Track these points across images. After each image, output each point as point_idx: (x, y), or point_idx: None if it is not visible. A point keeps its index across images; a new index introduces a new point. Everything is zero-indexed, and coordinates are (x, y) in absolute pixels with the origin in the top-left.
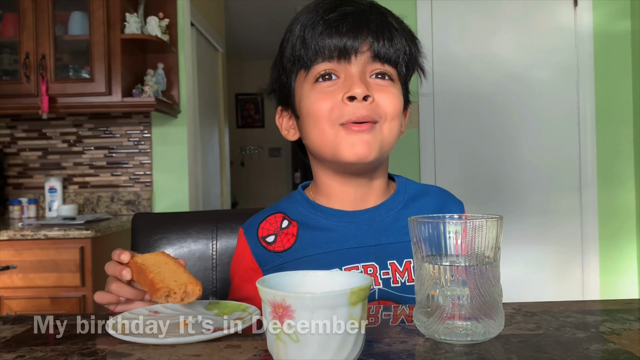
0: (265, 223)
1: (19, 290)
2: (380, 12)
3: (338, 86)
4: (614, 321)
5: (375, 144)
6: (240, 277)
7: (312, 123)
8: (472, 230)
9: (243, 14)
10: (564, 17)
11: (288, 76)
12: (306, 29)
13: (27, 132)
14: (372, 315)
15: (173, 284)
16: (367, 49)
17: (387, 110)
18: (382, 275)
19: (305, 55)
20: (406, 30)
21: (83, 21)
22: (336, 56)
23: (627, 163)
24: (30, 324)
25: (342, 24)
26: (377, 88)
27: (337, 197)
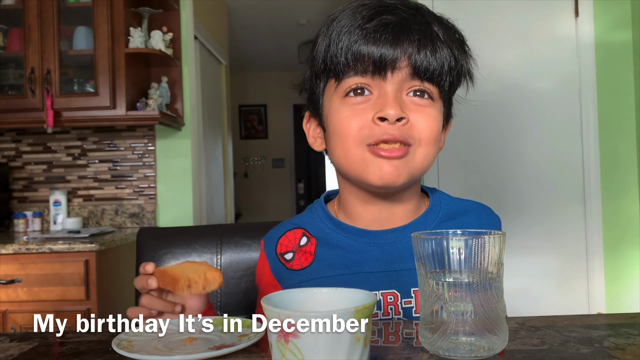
0: (284, 239)
1: (23, 304)
2: (424, 21)
3: (370, 103)
4: (618, 336)
5: (405, 169)
6: (262, 292)
7: (337, 141)
8: (475, 246)
9: (246, 27)
10: (565, 27)
11: (317, 82)
12: (341, 36)
13: (32, 145)
14: (376, 332)
15: (193, 274)
16: (405, 65)
17: (422, 133)
18: (404, 304)
19: (337, 65)
20: (454, 39)
21: (88, 36)
22: (370, 71)
23: (631, 172)
24: (37, 342)
25: (380, 35)
26: (414, 108)
27: (360, 216)
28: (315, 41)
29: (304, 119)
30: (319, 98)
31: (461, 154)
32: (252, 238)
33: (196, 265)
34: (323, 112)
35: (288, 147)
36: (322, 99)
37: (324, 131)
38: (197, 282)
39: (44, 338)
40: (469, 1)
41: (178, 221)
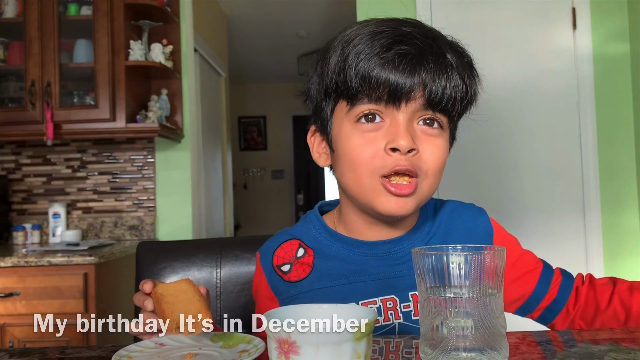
0: (281, 250)
1: (22, 317)
2: (440, 52)
3: (382, 132)
4: (618, 351)
5: (413, 202)
6: (259, 306)
7: (349, 167)
8: (476, 262)
9: (245, 39)
10: (563, 39)
11: (327, 100)
12: (358, 61)
13: (31, 158)
14: (378, 345)
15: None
16: (420, 95)
17: (430, 164)
18: (403, 308)
19: (351, 90)
20: (465, 66)
21: (88, 49)
22: (385, 100)
23: (630, 183)
24: (37, 357)
25: (397, 66)
26: (424, 139)
27: (361, 233)
28: (324, 56)
29: (309, 132)
30: (328, 117)
31: (460, 165)
32: (252, 251)
33: (191, 297)
34: (332, 132)
35: (287, 159)
36: (331, 120)
37: (332, 151)
38: (186, 324)
39: (43, 354)
40: (467, 13)
41: (177, 233)
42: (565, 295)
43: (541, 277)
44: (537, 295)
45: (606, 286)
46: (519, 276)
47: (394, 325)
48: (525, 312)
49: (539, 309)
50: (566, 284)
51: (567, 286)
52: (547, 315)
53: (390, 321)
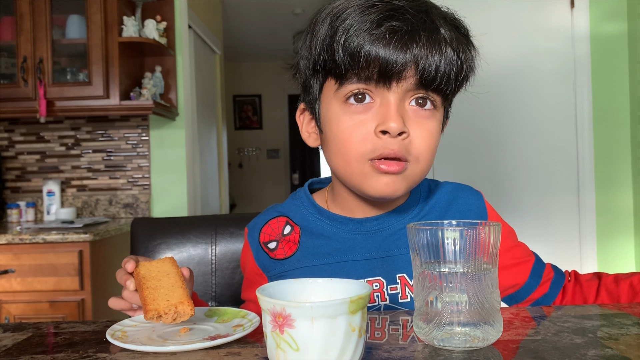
0: (267, 227)
1: (17, 294)
2: (433, 27)
3: (372, 113)
4: (611, 326)
5: (403, 183)
6: (247, 279)
7: (337, 150)
8: (471, 237)
9: (241, 16)
10: (560, 18)
11: (315, 77)
12: (347, 37)
13: (24, 135)
14: (371, 321)
15: (164, 304)
16: (411, 75)
17: (420, 150)
18: (390, 290)
19: (339, 67)
20: (460, 40)
21: (81, 25)
22: (375, 79)
23: (624, 163)
24: (31, 332)
25: (387, 44)
26: (415, 121)
27: (352, 211)
28: (312, 30)
29: (298, 110)
30: (316, 95)
31: (455, 145)
32: None
33: (174, 282)
34: (320, 112)
35: (283, 138)
36: (319, 98)
37: (320, 132)
38: (167, 314)
39: (37, 328)
40: None
41: (172, 211)
42: (555, 291)
43: (533, 270)
44: (529, 288)
45: (592, 281)
46: (510, 265)
47: (379, 307)
48: (513, 302)
49: (528, 301)
50: (557, 280)
51: (559, 282)
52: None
53: (376, 302)
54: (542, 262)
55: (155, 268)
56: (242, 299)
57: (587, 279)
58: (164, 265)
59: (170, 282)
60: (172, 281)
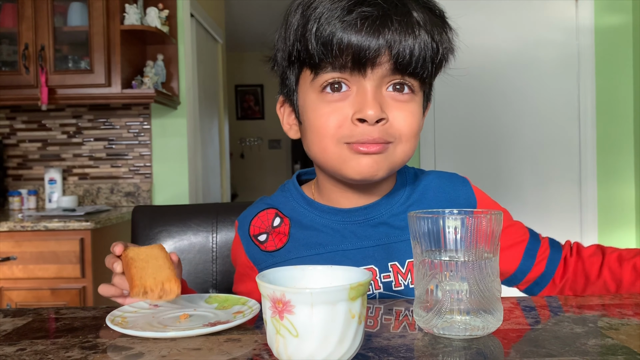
0: (257, 220)
1: (19, 281)
2: (404, 11)
3: (349, 100)
4: (612, 316)
5: (385, 164)
6: (239, 272)
7: (315, 137)
8: (472, 225)
9: (243, 5)
10: (565, 9)
11: (291, 69)
12: (318, 26)
13: (26, 123)
14: (371, 309)
15: (151, 281)
16: (386, 60)
17: (402, 131)
18: (383, 278)
19: (312, 57)
20: (434, 22)
21: (82, 12)
22: (349, 67)
23: (627, 156)
24: (31, 317)
25: (359, 30)
26: (394, 105)
27: (337, 201)
28: (286, 21)
29: (278, 102)
30: (293, 87)
31: (458, 136)
32: None
33: (161, 264)
34: (298, 104)
35: None
36: (296, 90)
37: (299, 123)
38: (154, 291)
39: (37, 314)
40: None
41: (173, 201)
42: (552, 268)
43: (526, 251)
44: (523, 269)
45: (595, 257)
46: (505, 247)
47: (374, 295)
48: (511, 284)
49: (526, 282)
50: (554, 256)
51: (555, 259)
52: (533, 288)
53: (370, 291)
54: (537, 240)
55: (144, 252)
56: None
57: (590, 253)
58: (153, 250)
59: (159, 263)
60: (160, 263)
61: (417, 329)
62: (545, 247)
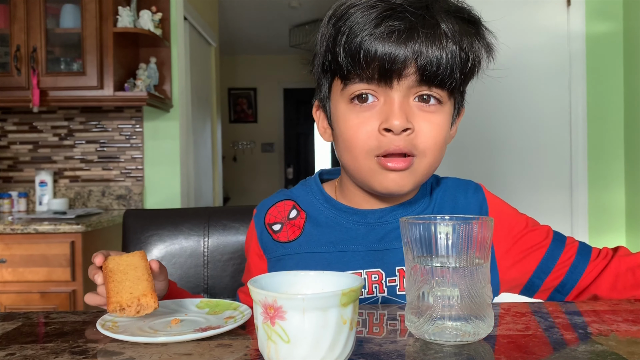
0: (274, 209)
1: (8, 284)
2: (433, 22)
3: (376, 111)
4: (602, 322)
5: (410, 179)
6: (249, 262)
7: (345, 148)
8: (463, 231)
9: (237, 8)
10: (556, 16)
11: (324, 77)
12: (348, 37)
13: (17, 125)
14: (363, 314)
15: (127, 297)
16: (412, 72)
17: (427, 143)
18: (388, 282)
19: (343, 68)
20: (465, 31)
21: (75, 14)
22: (376, 79)
23: (617, 162)
24: (21, 321)
25: (385, 42)
26: (420, 116)
27: (359, 205)
28: (321, 30)
29: (314, 106)
30: (326, 94)
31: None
32: (240, 221)
33: (140, 276)
34: (331, 111)
35: (277, 132)
36: (329, 97)
37: (332, 129)
38: (130, 307)
39: (27, 318)
40: None
41: (165, 204)
42: (575, 277)
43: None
44: (540, 275)
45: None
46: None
47: (377, 298)
48: (530, 292)
49: (545, 290)
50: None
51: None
52: (555, 296)
53: (374, 294)
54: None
55: (124, 262)
56: (242, 282)
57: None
58: (133, 259)
59: (137, 275)
60: (139, 274)
61: (408, 335)
62: (570, 254)
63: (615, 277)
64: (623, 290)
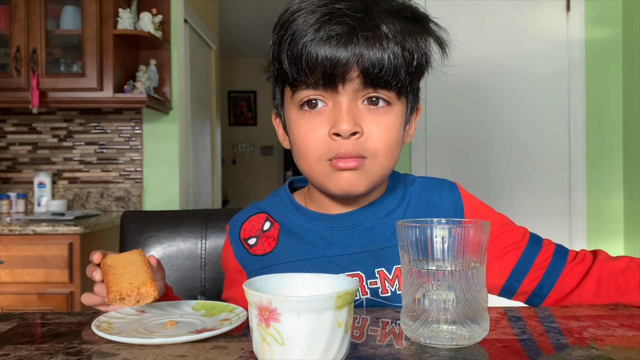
0: (248, 224)
1: (5, 285)
2: (372, 25)
3: (325, 116)
4: (597, 327)
5: (363, 179)
6: (228, 277)
7: (299, 154)
8: (459, 235)
9: (237, 11)
10: (556, 21)
11: (276, 85)
12: (289, 43)
13: (16, 126)
14: (358, 318)
15: (127, 286)
16: (356, 75)
17: (377, 146)
18: (369, 285)
19: (288, 75)
20: (408, 31)
21: (75, 16)
22: (322, 84)
23: (616, 167)
24: (16, 322)
25: (326, 46)
26: (369, 118)
27: (328, 208)
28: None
29: (272, 114)
30: (280, 102)
31: (449, 146)
32: None
33: (138, 269)
34: (285, 119)
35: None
36: (282, 105)
37: (288, 136)
38: (130, 296)
39: (23, 319)
40: None
41: (164, 206)
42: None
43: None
44: (517, 277)
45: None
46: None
47: (362, 301)
48: (509, 295)
49: (522, 292)
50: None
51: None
52: (533, 299)
53: (357, 297)
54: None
55: (122, 258)
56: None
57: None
58: (132, 256)
59: (136, 268)
60: (137, 267)
61: (403, 338)
62: (547, 256)
63: (598, 284)
64: (606, 297)
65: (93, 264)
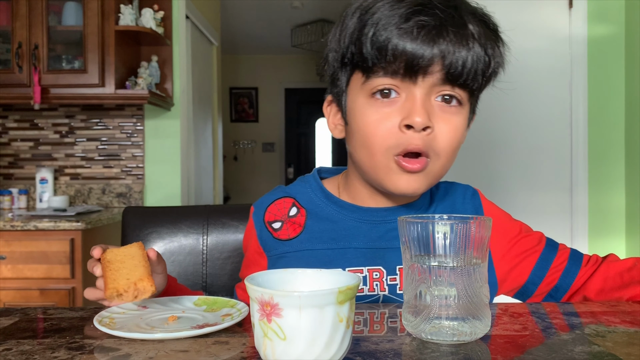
0: (274, 207)
1: (7, 281)
2: (461, 22)
3: (397, 107)
4: (599, 323)
5: (424, 182)
6: (248, 258)
7: (362, 143)
8: (461, 231)
9: (239, 8)
10: (558, 18)
11: (343, 70)
12: (375, 30)
13: (18, 122)
14: (359, 313)
15: (124, 282)
16: (438, 69)
17: (444, 145)
18: (389, 281)
19: (367, 61)
20: (489, 36)
21: (77, 11)
22: (401, 74)
23: (618, 165)
24: (18, 317)
25: (414, 38)
26: (441, 116)
27: (363, 201)
28: (342, 23)
29: (325, 101)
30: (343, 88)
31: None
32: (239, 219)
33: (137, 263)
34: (347, 105)
35: (278, 132)
36: (346, 91)
37: (346, 124)
38: (127, 291)
39: (24, 313)
40: None
41: (165, 202)
42: (567, 281)
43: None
44: (534, 280)
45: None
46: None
47: (379, 297)
48: (524, 297)
49: (538, 294)
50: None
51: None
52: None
53: (375, 292)
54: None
55: (121, 252)
56: (239, 278)
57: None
58: (131, 250)
59: (134, 263)
60: (136, 262)
61: (405, 334)
62: (562, 259)
63: (604, 281)
64: (610, 293)
65: (94, 258)
